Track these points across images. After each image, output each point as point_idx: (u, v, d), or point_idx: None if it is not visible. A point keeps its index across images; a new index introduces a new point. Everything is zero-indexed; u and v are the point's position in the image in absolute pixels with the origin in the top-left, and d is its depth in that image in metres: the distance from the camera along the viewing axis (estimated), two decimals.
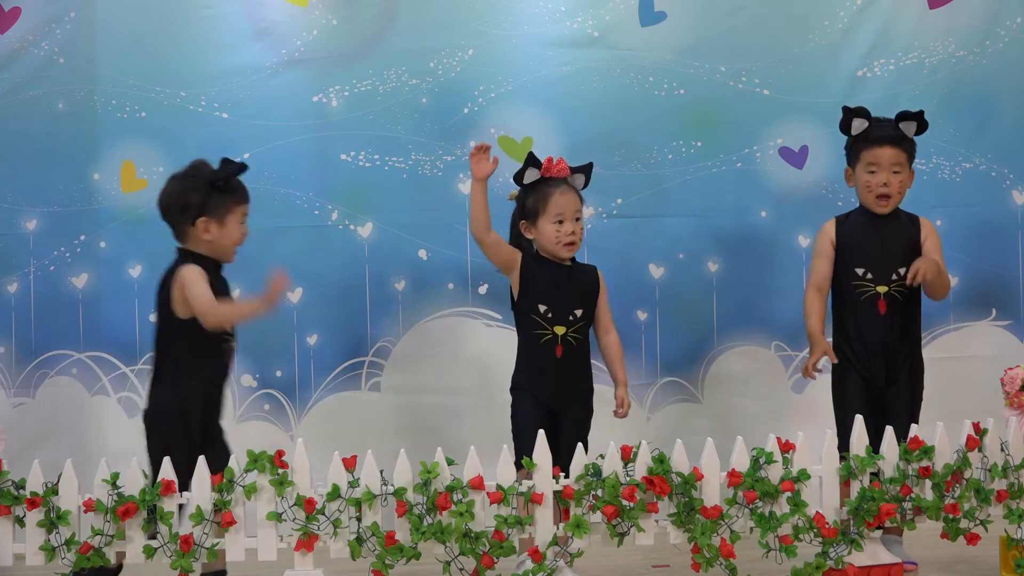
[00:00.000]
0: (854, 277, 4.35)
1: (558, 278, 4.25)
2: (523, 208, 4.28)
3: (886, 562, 3.90)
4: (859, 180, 4.39)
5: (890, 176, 4.34)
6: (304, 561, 3.73)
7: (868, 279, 4.34)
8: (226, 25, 5.04)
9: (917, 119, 4.37)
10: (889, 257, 4.34)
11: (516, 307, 4.29)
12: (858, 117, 4.39)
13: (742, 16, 5.15)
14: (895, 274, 4.33)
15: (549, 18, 5.11)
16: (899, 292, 4.33)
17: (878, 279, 4.33)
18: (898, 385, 4.32)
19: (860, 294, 4.35)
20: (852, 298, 4.37)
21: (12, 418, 4.90)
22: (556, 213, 4.22)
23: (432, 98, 5.09)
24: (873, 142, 4.36)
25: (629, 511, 3.73)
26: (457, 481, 3.72)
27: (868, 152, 4.35)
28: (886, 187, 4.34)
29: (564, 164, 4.30)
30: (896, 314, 4.33)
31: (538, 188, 4.26)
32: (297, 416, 5.03)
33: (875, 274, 4.34)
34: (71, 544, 3.71)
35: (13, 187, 5.01)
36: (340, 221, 5.08)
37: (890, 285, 4.33)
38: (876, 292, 4.33)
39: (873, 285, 4.34)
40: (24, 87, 5.00)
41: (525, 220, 4.27)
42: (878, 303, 4.32)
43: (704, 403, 5.15)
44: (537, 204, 4.24)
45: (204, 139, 4.99)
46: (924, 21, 5.16)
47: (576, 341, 4.22)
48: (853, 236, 4.39)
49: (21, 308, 5.01)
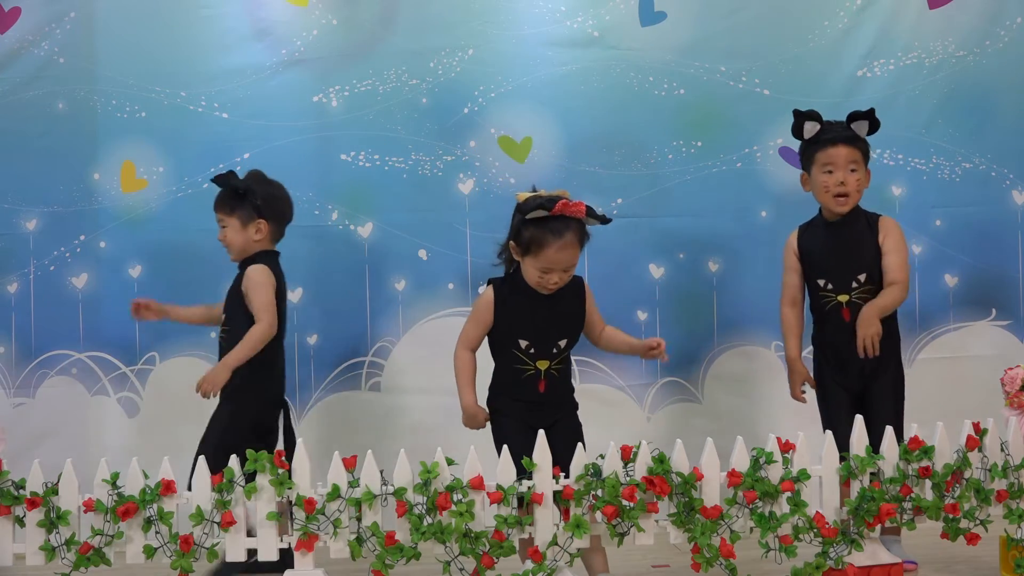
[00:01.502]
0: (817, 288, 4.36)
1: (539, 309, 3.99)
2: (518, 232, 3.95)
3: (886, 562, 3.90)
4: (816, 182, 4.37)
5: (847, 175, 4.32)
6: (304, 561, 3.73)
7: (829, 289, 4.33)
8: (226, 25, 5.04)
9: (868, 118, 4.35)
10: (847, 265, 4.32)
11: (491, 338, 4.05)
12: (809, 120, 4.38)
13: (742, 16, 5.15)
14: (855, 282, 4.31)
15: (549, 18, 5.11)
16: (861, 299, 4.30)
17: (838, 288, 4.32)
18: (879, 383, 4.30)
19: (824, 304, 4.35)
20: (818, 308, 4.37)
21: (12, 418, 4.90)
22: (546, 264, 3.91)
23: (432, 98, 5.09)
24: (827, 143, 4.34)
25: (629, 511, 3.73)
26: (457, 481, 3.72)
27: (823, 153, 4.34)
28: (843, 185, 4.31)
29: (582, 207, 3.90)
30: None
31: (540, 227, 3.89)
32: (297, 416, 5.03)
33: (835, 284, 4.32)
34: (71, 544, 3.71)
35: (13, 187, 5.01)
36: (340, 221, 5.08)
37: (851, 293, 4.31)
38: (838, 302, 4.32)
39: (834, 295, 4.33)
40: (24, 87, 5.00)
41: (516, 244, 3.97)
42: (841, 312, 4.32)
43: (704, 403, 5.15)
44: (531, 244, 3.91)
45: (204, 139, 5.00)
46: (924, 21, 5.16)
47: (559, 372, 4.02)
48: (812, 246, 4.39)
49: (21, 308, 5.01)
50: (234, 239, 4.36)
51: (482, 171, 5.10)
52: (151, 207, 5.04)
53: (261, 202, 4.35)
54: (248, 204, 4.35)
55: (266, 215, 4.36)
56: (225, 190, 4.39)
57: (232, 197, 4.36)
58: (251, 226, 4.35)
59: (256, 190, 4.37)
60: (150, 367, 5.02)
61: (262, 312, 4.26)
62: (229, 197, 4.37)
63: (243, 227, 4.35)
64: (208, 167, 4.97)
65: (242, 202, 4.35)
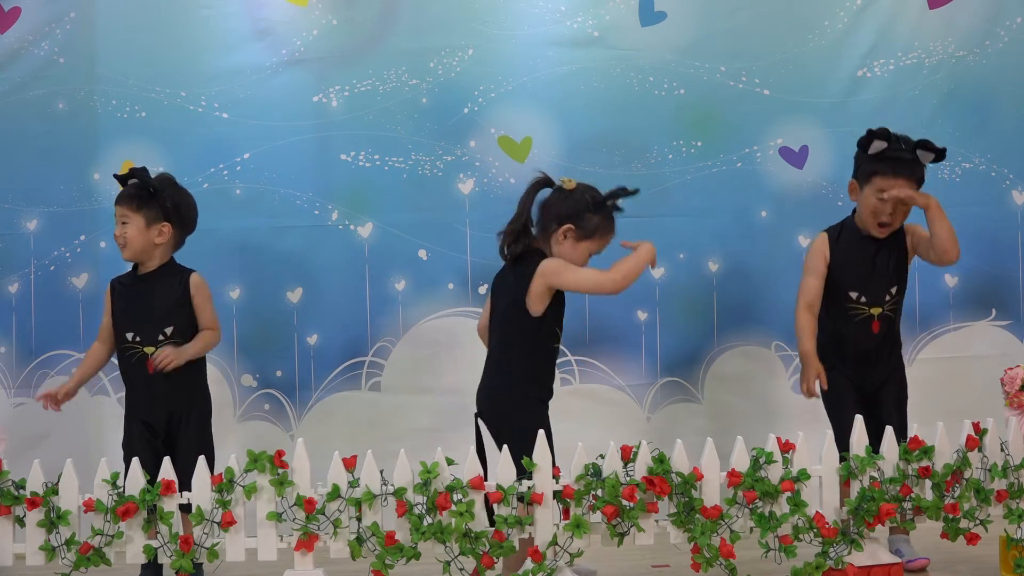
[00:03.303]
0: (848, 300, 4.32)
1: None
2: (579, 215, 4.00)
3: (886, 562, 3.90)
4: (865, 201, 4.32)
5: (896, 206, 4.31)
6: (304, 561, 3.73)
7: (862, 303, 4.32)
8: (226, 25, 5.04)
9: (936, 153, 4.30)
10: (881, 279, 4.32)
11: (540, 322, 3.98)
12: (878, 139, 4.29)
13: (742, 16, 5.15)
14: (888, 295, 4.31)
15: (549, 18, 5.11)
16: (891, 312, 4.32)
17: (872, 302, 4.31)
18: (886, 386, 4.31)
19: (854, 316, 4.32)
20: (845, 318, 4.33)
21: (12, 418, 4.90)
22: (601, 247, 4.06)
23: (432, 98, 5.09)
24: (890, 172, 4.27)
25: (629, 511, 3.73)
26: (457, 481, 3.72)
27: (882, 179, 4.27)
28: (891, 216, 4.31)
29: None
30: (888, 330, 4.33)
31: (608, 217, 4.05)
32: (297, 416, 5.03)
33: (869, 297, 4.31)
34: (71, 544, 3.71)
35: (13, 187, 5.01)
36: (340, 221, 5.08)
37: (884, 307, 4.32)
38: (870, 315, 4.32)
39: (867, 308, 4.32)
40: (24, 87, 5.01)
41: (572, 226, 3.99)
42: (871, 324, 4.31)
43: (704, 403, 5.15)
44: (597, 230, 4.02)
45: (204, 139, 5.01)
46: (924, 21, 5.16)
47: None
48: (848, 258, 4.35)
49: (21, 308, 5.02)
50: (134, 237, 4.26)
51: (482, 171, 5.10)
52: None
53: (171, 205, 4.28)
54: (157, 205, 4.26)
55: (172, 220, 4.28)
56: (134, 186, 4.30)
57: (141, 194, 4.27)
58: (155, 227, 4.26)
59: (168, 192, 4.29)
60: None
61: (215, 323, 4.32)
62: (138, 194, 4.28)
63: (147, 227, 4.26)
64: (208, 167, 4.98)
65: (150, 202, 4.26)
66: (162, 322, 4.25)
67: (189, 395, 4.27)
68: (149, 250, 4.29)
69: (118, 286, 4.37)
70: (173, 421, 4.24)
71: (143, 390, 4.26)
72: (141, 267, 4.33)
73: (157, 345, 4.24)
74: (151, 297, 4.27)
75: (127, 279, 4.36)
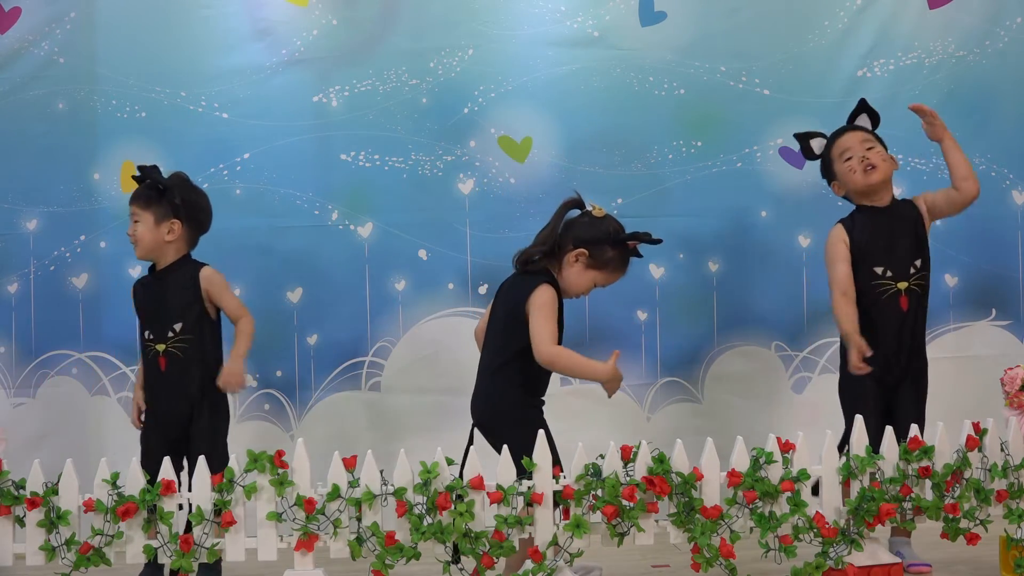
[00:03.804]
0: (873, 277, 4.29)
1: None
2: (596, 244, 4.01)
3: (886, 562, 3.90)
4: (842, 175, 4.36)
5: (866, 151, 4.33)
6: (304, 561, 3.73)
7: (888, 277, 4.29)
8: (226, 25, 5.04)
9: (865, 109, 4.40)
10: (903, 251, 4.30)
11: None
12: (813, 138, 4.43)
13: (742, 16, 5.15)
14: (912, 267, 4.30)
15: (549, 18, 5.11)
16: (918, 286, 4.30)
17: (898, 275, 4.28)
18: (905, 385, 4.30)
19: (881, 293, 4.29)
20: (872, 299, 4.29)
21: (12, 418, 4.90)
22: (606, 283, 4.08)
23: (432, 98, 5.09)
24: (834, 137, 4.39)
25: (629, 511, 3.73)
26: (457, 481, 3.71)
27: (835, 147, 4.37)
28: (867, 159, 4.32)
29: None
30: (915, 310, 4.30)
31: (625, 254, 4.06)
32: (297, 416, 5.03)
33: (894, 271, 4.29)
34: (71, 544, 3.71)
35: (13, 187, 5.01)
36: (340, 221, 5.08)
37: (910, 280, 4.30)
38: (897, 289, 4.30)
39: (894, 282, 4.30)
40: (24, 87, 5.01)
41: (586, 252, 4.00)
42: (899, 300, 4.30)
43: (704, 403, 5.15)
44: (610, 263, 4.03)
45: (204, 139, 5.01)
46: (924, 21, 5.16)
47: None
48: (865, 235, 4.33)
49: (21, 308, 5.02)
50: (144, 235, 4.25)
51: (482, 171, 5.10)
52: None
53: (180, 202, 4.26)
54: (166, 203, 4.25)
55: (182, 217, 4.26)
56: (145, 185, 4.30)
57: (150, 193, 4.27)
58: (164, 225, 4.24)
59: (176, 190, 4.28)
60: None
61: (240, 308, 4.29)
62: (147, 192, 4.28)
63: (156, 224, 4.24)
64: (208, 167, 4.98)
65: (160, 199, 4.25)
66: (171, 319, 4.23)
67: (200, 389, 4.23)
68: (160, 247, 4.27)
69: (139, 287, 4.37)
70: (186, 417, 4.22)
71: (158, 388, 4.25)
72: (157, 266, 4.32)
73: (167, 342, 4.23)
74: (164, 294, 4.27)
75: (146, 279, 4.36)
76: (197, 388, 4.22)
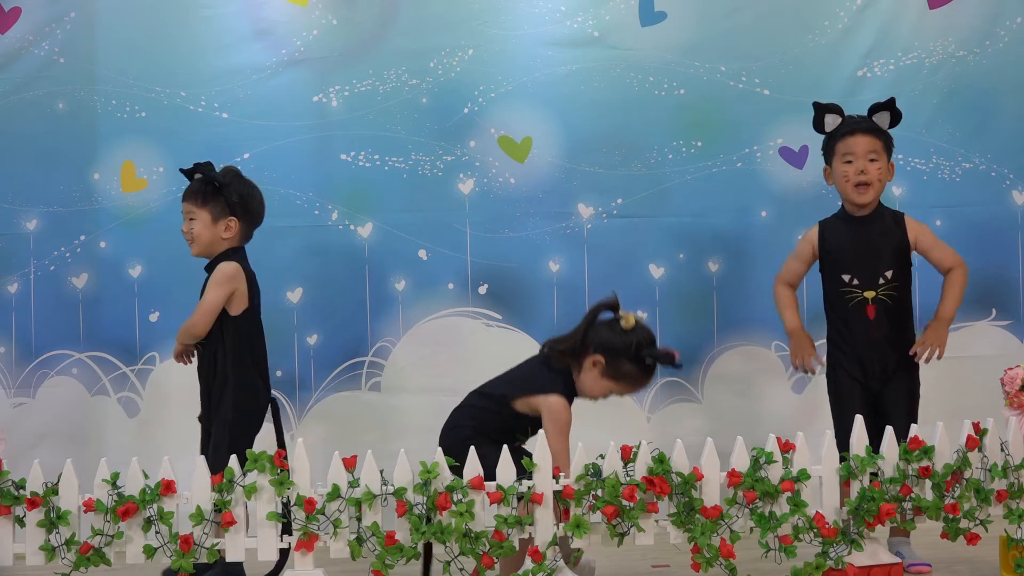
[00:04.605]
0: (841, 284, 4.32)
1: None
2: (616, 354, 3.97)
3: (886, 562, 3.90)
4: (836, 173, 4.36)
5: (867, 164, 4.31)
6: (304, 561, 3.73)
7: (855, 285, 4.31)
8: (226, 25, 5.04)
9: (889, 108, 4.35)
10: (874, 261, 4.31)
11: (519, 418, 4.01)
12: (830, 113, 4.38)
13: (742, 16, 5.15)
14: (882, 278, 4.30)
15: (549, 18, 5.11)
16: (888, 296, 4.30)
17: (864, 285, 4.30)
18: (894, 384, 4.31)
19: (848, 300, 4.32)
20: (840, 304, 4.33)
21: (12, 418, 4.90)
22: (618, 392, 4.05)
23: (432, 98, 5.09)
24: (846, 133, 4.34)
25: (629, 511, 3.73)
26: (457, 481, 3.71)
27: (842, 143, 4.33)
28: (863, 175, 4.30)
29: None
30: (886, 317, 4.30)
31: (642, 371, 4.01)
32: (297, 416, 5.03)
33: (861, 280, 4.30)
34: (71, 544, 3.71)
35: (13, 187, 5.01)
36: (340, 221, 5.08)
37: (877, 290, 4.30)
38: (864, 298, 4.31)
39: (860, 291, 4.31)
40: (24, 87, 5.01)
41: (604, 361, 3.97)
42: (866, 309, 4.30)
43: (704, 403, 5.15)
44: (625, 376, 4.00)
45: (204, 139, 5.00)
46: (924, 21, 5.16)
47: None
48: (836, 242, 4.35)
49: (21, 308, 5.02)
50: (202, 233, 4.17)
51: (482, 171, 5.10)
52: (151, 207, 5.05)
53: (237, 199, 4.18)
54: (222, 199, 4.17)
55: (239, 213, 4.19)
56: (199, 181, 4.21)
57: (206, 189, 4.19)
58: (222, 223, 4.17)
59: (233, 186, 4.20)
60: (150, 367, 5.02)
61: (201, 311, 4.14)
62: (203, 189, 4.19)
63: (213, 222, 4.17)
64: None
65: (216, 196, 4.17)
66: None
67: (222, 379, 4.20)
68: (217, 245, 4.18)
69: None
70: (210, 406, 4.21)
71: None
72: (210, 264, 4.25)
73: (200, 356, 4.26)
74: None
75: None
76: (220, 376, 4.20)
